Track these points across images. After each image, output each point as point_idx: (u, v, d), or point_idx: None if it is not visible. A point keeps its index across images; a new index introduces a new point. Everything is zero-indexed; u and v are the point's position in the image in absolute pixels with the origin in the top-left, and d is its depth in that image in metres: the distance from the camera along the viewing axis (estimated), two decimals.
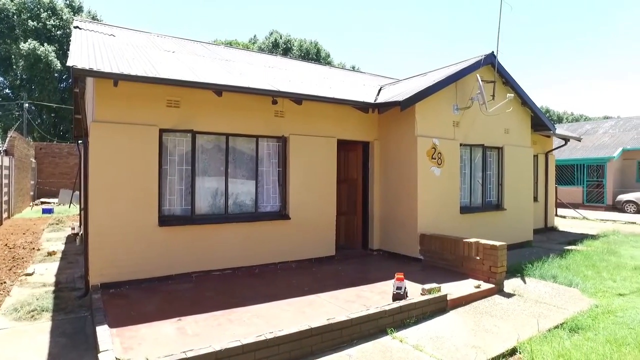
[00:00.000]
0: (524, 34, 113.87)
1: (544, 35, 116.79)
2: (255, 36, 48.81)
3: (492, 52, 8.88)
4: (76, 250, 9.26)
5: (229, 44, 36.15)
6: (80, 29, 8.45)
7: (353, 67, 44.05)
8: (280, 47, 42.98)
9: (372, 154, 8.86)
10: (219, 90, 6.40)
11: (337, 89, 8.97)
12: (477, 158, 9.32)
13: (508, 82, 9.50)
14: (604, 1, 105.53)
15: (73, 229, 11.64)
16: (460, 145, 8.77)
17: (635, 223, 15.36)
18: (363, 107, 8.16)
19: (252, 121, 7.27)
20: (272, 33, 44.98)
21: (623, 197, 19.99)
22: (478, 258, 6.57)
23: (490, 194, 9.65)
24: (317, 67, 13.85)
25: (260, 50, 40.54)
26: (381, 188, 8.79)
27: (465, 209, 8.85)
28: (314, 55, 43.03)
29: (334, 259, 8.09)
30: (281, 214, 7.58)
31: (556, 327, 4.82)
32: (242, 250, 7.07)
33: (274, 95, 6.95)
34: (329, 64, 39.65)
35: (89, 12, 35.66)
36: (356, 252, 8.83)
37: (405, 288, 5.36)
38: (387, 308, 4.70)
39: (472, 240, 6.80)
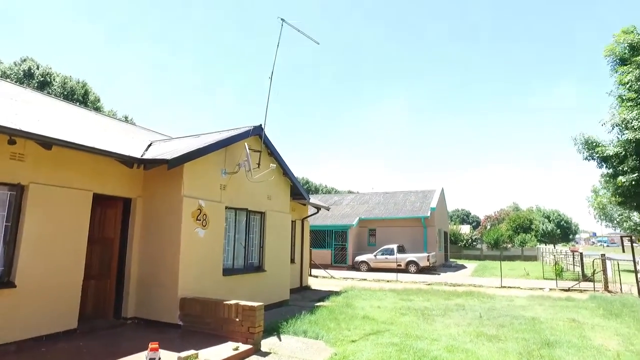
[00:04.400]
0: (294, 113, 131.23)
1: (307, 117, 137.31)
2: None
3: (261, 124, 9.80)
4: None
5: None
6: None
7: (126, 118, 41.07)
8: (35, 79, 36.69)
9: (134, 212, 8.24)
10: None
11: (100, 138, 8.15)
12: (241, 221, 9.79)
13: (272, 153, 10.59)
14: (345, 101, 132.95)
15: None
16: (226, 208, 9.06)
17: (366, 280, 18.69)
18: (128, 161, 7.61)
19: None
20: (25, 60, 38.11)
21: (359, 258, 24.22)
22: (238, 320, 6.68)
23: (253, 256, 10.16)
24: (81, 110, 12.38)
25: (5, 76, 33.70)
26: (141, 249, 8.15)
27: (228, 271, 8.99)
28: (80, 96, 38.31)
29: (76, 332, 6.84)
30: (2, 282, 6.05)
31: None
32: None
33: (11, 134, 5.77)
34: (97, 109, 36.02)
35: None
36: (106, 323, 7.71)
37: (159, 359, 4.95)
38: None
39: (232, 302, 6.91)
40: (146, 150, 9.07)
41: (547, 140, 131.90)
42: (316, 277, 19.74)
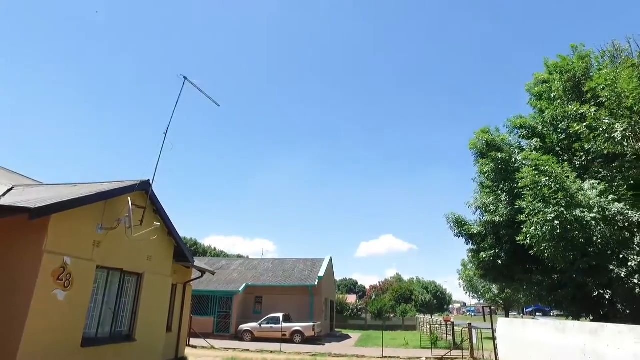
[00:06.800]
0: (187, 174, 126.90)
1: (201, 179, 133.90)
2: None
3: (149, 180, 9.21)
4: None
5: None
6: None
7: None
8: None
9: None
10: None
11: None
12: (114, 282, 8.76)
13: (159, 211, 9.95)
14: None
15: None
16: (98, 267, 8.07)
17: (249, 350, 17.68)
18: None
19: None
20: None
21: (243, 326, 23.02)
22: None
23: (123, 322, 9.01)
24: None
25: None
26: None
27: (89, 341, 7.79)
28: None
29: None
30: None
31: None
32: None
33: None
34: None
35: None
36: None
37: None
38: None
39: None
40: (4, 194, 7.91)
41: (426, 215, 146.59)
42: (195, 347, 18.12)
